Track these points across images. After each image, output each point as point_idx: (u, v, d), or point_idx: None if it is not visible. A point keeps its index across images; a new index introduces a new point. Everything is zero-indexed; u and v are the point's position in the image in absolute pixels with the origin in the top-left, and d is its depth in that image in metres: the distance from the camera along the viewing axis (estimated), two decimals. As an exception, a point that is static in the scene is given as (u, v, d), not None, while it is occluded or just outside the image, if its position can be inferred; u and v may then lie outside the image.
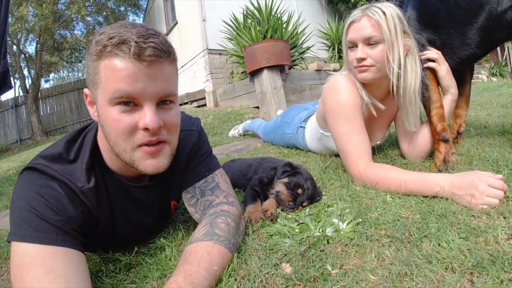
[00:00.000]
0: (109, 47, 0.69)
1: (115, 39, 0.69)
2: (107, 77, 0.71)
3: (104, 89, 0.72)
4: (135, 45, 0.68)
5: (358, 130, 1.38)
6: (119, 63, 0.69)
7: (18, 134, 11.83)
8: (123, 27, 0.71)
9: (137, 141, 0.74)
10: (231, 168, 1.57)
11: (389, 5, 1.33)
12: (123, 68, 0.69)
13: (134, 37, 0.69)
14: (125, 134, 0.73)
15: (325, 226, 0.97)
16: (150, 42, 0.70)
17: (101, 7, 12.38)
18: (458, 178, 1.03)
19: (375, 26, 1.30)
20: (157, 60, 0.71)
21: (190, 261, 0.74)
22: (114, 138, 0.75)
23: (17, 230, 0.70)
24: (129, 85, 0.70)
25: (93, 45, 0.72)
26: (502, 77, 11.97)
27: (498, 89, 5.70)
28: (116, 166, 0.87)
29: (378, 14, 1.30)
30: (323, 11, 11.26)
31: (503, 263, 0.67)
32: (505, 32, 1.27)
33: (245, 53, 4.66)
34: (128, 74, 0.69)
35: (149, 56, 0.69)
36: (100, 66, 0.71)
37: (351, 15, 1.39)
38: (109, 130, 0.75)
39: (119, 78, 0.69)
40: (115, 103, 0.72)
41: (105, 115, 0.73)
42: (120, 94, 0.70)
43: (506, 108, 3.06)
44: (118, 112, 0.72)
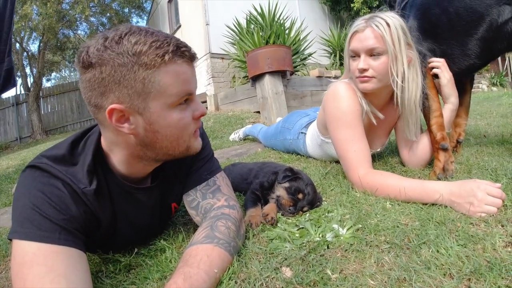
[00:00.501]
0: (167, 55, 0.73)
1: (170, 46, 0.73)
2: (170, 83, 0.75)
3: (164, 95, 0.75)
4: (187, 50, 0.77)
5: (359, 137, 1.39)
6: (180, 68, 0.76)
7: (18, 132, 11.84)
8: (151, 33, 0.74)
9: (194, 128, 0.86)
10: (231, 172, 1.58)
11: (393, 16, 1.33)
12: (184, 72, 0.77)
13: (179, 43, 0.76)
14: (187, 127, 0.83)
15: (325, 231, 0.97)
16: (188, 47, 0.79)
17: (105, 8, 12.48)
18: (457, 186, 1.04)
19: (379, 38, 1.31)
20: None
21: (189, 263, 0.75)
22: (175, 136, 0.82)
23: (19, 228, 0.70)
24: (191, 84, 0.80)
25: (132, 56, 0.71)
26: (502, 86, 12.02)
27: (498, 99, 5.73)
28: (130, 168, 0.88)
29: (382, 26, 1.30)
30: (325, 18, 11.35)
31: (501, 270, 0.68)
32: (505, 43, 1.29)
33: (248, 58, 4.69)
34: (188, 76, 0.78)
35: (194, 58, 0.81)
36: (158, 74, 0.73)
37: (354, 24, 1.39)
38: (169, 132, 0.80)
39: (183, 81, 0.77)
40: (177, 104, 0.78)
41: (166, 119, 0.78)
42: (186, 94, 0.79)
43: (505, 118, 3.07)
44: (179, 111, 0.80)
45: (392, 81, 1.35)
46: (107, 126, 0.79)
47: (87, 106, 0.79)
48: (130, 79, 0.72)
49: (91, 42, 0.73)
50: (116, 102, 0.74)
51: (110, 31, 0.74)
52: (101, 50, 0.71)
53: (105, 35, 0.73)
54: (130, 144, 0.82)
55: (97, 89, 0.73)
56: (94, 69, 0.72)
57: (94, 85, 0.73)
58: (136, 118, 0.76)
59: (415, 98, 1.38)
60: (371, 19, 1.34)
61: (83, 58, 0.72)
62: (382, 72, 1.34)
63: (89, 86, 0.74)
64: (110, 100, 0.74)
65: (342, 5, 10.98)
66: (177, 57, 0.75)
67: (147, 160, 0.87)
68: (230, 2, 8.24)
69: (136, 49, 0.71)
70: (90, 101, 0.76)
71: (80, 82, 0.77)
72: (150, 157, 0.86)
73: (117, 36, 0.72)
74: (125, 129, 0.77)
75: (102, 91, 0.73)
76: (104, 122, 0.78)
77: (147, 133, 0.79)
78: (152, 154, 0.85)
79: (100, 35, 0.74)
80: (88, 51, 0.72)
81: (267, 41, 5.67)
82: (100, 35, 0.74)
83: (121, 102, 0.74)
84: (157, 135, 0.80)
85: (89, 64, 0.72)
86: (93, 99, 0.75)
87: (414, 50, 1.37)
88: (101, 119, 0.79)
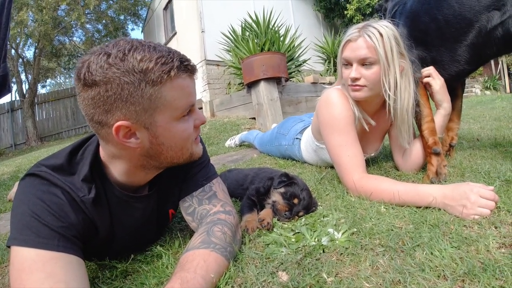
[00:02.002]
0: (172, 71, 0.74)
1: (174, 62, 0.75)
2: (175, 97, 0.78)
3: (170, 109, 0.78)
4: (188, 63, 0.79)
5: (352, 143, 1.40)
6: (184, 82, 0.79)
7: (13, 138, 11.75)
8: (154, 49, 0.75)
9: (195, 135, 0.90)
10: (228, 178, 1.58)
11: (387, 25, 1.33)
12: (188, 85, 0.80)
13: (181, 57, 0.78)
14: (190, 136, 0.87)
15: (320, 235, 0.98)
16: (191, 62, 0.81)
17: (101, 15, 12.52)
18: (450, 189, 1.05)
19: (371, 48, 1.31)
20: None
21: (186, 268, 0.75)
22: (179, 147, 0.85)
23: (18, 235, 0.70)
24: (193, 97, 0.83)
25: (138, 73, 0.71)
26: (495, 90, 12.18)
27: (492, 102, 5.81)
28: (129, 177, 0.89)
29: (375, 36, 1.30)
30: (319, 25, 11.49)
31: (494, 271, 0.69)
32: (495, 48, 1.31)
33: (243, 64, 4.72)
34: (191, 89, 0.82)
35: (195, 70, 0.84)
36: (164, 89, 0.75)
37: (348, 33, 1.39)
38: (175, 143, 0.84)
39: (187, 94, 0.80)
40: (182, 116, 0.82)
41: (171, 131, 0.81)
42: (189, 106, 0.82)
43: (498, 121, 3.12)
44: (183, 122, 0.83)
45: (384, 92, 1.37)
46: (110, 140, 0.79)
47: (88, 122, 0.78)
48: (137, 96, 0.72)
49: (91, 58, 0.71)
50: (123, 119, 0.74)
51: (110, 46, 0.73)
52: (105, 68, 0.70)
53: (106, 51, 0.71)
54: (134, 156, 0.83)
55: (101, 107, 0.73)
56: (99, 87, 0.71)
57: (98, 102, 0.72)
58: (142, 132, 0.78)
59: (407, 107, 1.39)
60: (364, 28, 1.34)
61: (85, 76, 0.70)
62: (374, 82, 1.36)
63: (93, 103, 0.73)
64: (116, 117, 0.74)
65: (335, 12, 11.13)
66: (182, 72, 0.77)
67: (149, 168, 0.89)
68: (226, 10, 8.32)
69: (142, 66, 0.71)
70: (92, 118, 0.75)
71: (81, 99, 0.74)
72: (153, 165, 0.88)
73: (121, 52, 0.71)
74: (131, 144, 0.78)
75: (107, 109, 0.73)
76: (107, 137, 0.78)
77: (152, 146, 0.81)
78: (156, 163, 0.87)
79: (100, 50, 0.72)
80: (90, 69, 0.70)
81: (262, 48, 5.71)
82: (100, 50, 0.72)
83: (127, 118, 0.74)
84: (162, 147, 0.82)
85: (93, 82, 0.70)
86: (96, 116, 0.74)
87: (406, 59, 1.38)
88: (103, 135, 0.79)
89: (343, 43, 1.40)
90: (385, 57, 1.31)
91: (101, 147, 0.86)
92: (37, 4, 10.18)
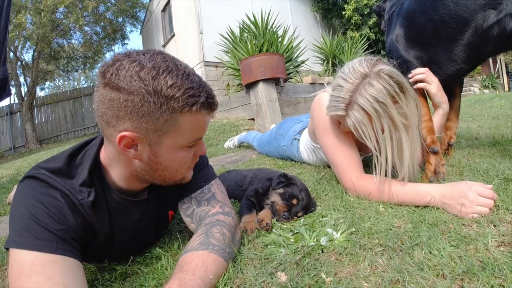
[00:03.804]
0: (195, 105, 0.76)
1: (201, 97, 0.77)
2: (188, 128, 0.79)
3: (179, 137, 0.80)
4: (213, 102, 0.81)
5: (346, 143, 1.40)
6: (202, 117, 0.81)
7: (12, 141, 11.73)
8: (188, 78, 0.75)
9: (192, 163, 0.93)
10: (226, 179, 1.59)
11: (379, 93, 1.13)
12: (204, 121, 0.82)
13: (208, 95, 0.79)
14: (187, 163, 0.89)
15: (319, 235, 0.98)
16: (215, 99, 0.83)
17: (99, 18, 12.52)
18: (448, 188, 1.05)
19: (353, 131, 1.23)
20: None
21: (185, 270, 0.75)
22: (175, 170, 0.88)
23: (17, 237, 0.70)
24: (204, 131, 0.86)
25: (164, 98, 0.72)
26: (494, 89, 12.20)
27: (490, 101, 5.82)
28: (126, 184, 0.90)
29: (361, 121, 1.17)
30: (317, 26, 11.50)
31: (494, 269, 0.69)
32: (491, 47, 1.31)
33: (241, 66, 4.72)
34: (205, 125, 0.84)
35: (216, 108, 0.85)
36: (181, 118, 0.77)
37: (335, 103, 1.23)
38: (172, 165, 0.86)
39: (200, 129, 0.83)
40: (187, 146, 0.84)
41: (172, 156, 0.83)
42: (197, 140, 0.86)
43: (497, 119, 3.12)
44: (186, 152, 0.85)
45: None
46: (112, 142, 0.79)
47: (97, 116, 0.79)
48: (154, 117, 0.73)
49: (123, 62, 0.72)
50: (131, 130, 0.74)
51: (147, 58, 0.73)
52: (134, 78, 0.70)
53: (141, 61, 0.72)
54: (131, 164, 0.84)
55: (116, 111, 0.73)
56: (120, 93, 0.71)
57: (114, 106, 0.73)
58: (144, 147, 0.79)
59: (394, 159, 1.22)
60: (351, 107, 1.19)
61: (111, 77, 0.71)
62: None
63: (109, 104, 0.73)
64: (125, 126, 0.74)
65: (333, 12, 11.16)
66: (204, 108, 0.79)
67: (143, 180, 0.90)
68: (224, 11, 8.33)
69: (169, 92, 0.72)
70: (102, 116, 0.76)
71: (98, 94, 0.75)
72: (147, 180, 0.90)
73: (155, 70, 0.71)
74: (130, 154, 0.79)
75: (120, 115, 0.73)
76: (110, 138, 0.79)
77: (150, 162, 0.83)
78: (149, 177, 0.88)
79: (135, 57, 0.73)
80: (119, 72, 0.71)
81: (260, 49, 5.72)
82: (135, 57, 0.73)
83: (136, 131, 0.75)
84: (159, 166, 0.84)
85: (116, 86, 0.71)
86: (107, 116, 0.75)
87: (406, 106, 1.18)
88: (107, 134, 0.79)
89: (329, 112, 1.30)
90: (375, 138, 1.18)
91: (104, 145, 0.87)
92: (35, 7, 10.18)
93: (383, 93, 1.13)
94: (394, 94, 1.14)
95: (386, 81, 1.14)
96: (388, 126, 1.16)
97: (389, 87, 1.14)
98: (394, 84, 1.15)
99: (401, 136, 1.18)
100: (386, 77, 1.15)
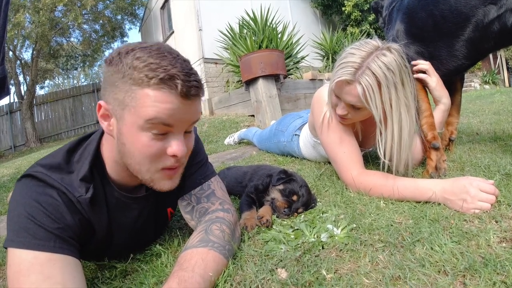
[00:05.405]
0: (154, 79, 0.71)
1: (161, 72, 0.71)
2: (147, 105, 0.72)
3: (137, 114, 0.73)
4: (182, 83, 0.72)
5: (346, 139, 1.40)
6: (164, 97, 0.72)
7: (12, 140, 11.75)
8: (162, 56, 0.73)
9: (163, 165, 0.79)
10: (226, 175, 1.58)
11: (390, 62, 1.17)
12: (167, 101, 0.72)
13: (180, 74, 0.72)
14: (152, 158, 0.77)
15: (320, 232, 0.97)
16: (193, 81, 0.75)
17: (98, 15, 12.47)
18: (449, 184, 1.05)
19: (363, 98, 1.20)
20: (197, 96, 0.77)
21: (184, 267, 0.75)
22: (138, 159, 0.78)
23: (15, 237, 0.70)
24: (169, 117, 0.74)
25: (128, 68, 0.72)
26: (495, 84, 12.17)
27: (491, 96, 5.80)
28: (119, 177, 0.88)
29: (371, 88, 1.16)
30: (317, 22, 11.45)
31: (496, 266, 0.69)
32: (492, 42, 1.30)
33: (241, 62, 4.70)
34: (171, 108, 0.73)
35: (192, 95, 0.75)
36: (139, 92, 0.72)
37: (342, 69, 1.22)
38: (133, 150, 0.77)
39: (160, 109, 0.72)
40: (148, 129, 0.74)
41: (133, 137, 0.76)
42: (158, 123, 0.73)
43: (498, 115, 3.11)
44: (149, 138, 0.75)
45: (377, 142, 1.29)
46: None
47: None
48: (118, 87, 0.74)
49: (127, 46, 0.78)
50: (105, 101, 0.78)
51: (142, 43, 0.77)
52: (119, 55, 0.75)
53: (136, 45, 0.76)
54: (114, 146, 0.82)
55: (103, 83, 0.80)
56: (107, 67, 0.77)
57: (103, 78, 0.80)
58: (114, 120, 0.78)
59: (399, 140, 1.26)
60: (361, 72, 1.18)
61: (110, 55, 0.78)
62: (362, 118, 1.36)
63: (102, 78, 0.81)
64: (105, 97, 0.79)
65: (333, 8, 11.09)
66: (165, 85, 0.72)
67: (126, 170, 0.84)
68: (223, 8, 8.29)
69: (134, 64, 0.72)
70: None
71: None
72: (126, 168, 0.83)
73: (131, 48, 0.74)
74: (104, 125, 0.80)
75: (104, 86, 0.79)
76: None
77: (118, 142, 0.79)
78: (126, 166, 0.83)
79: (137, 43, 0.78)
80: (114, 52, 0.77)
81: (260, 45, 5.69)
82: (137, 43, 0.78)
83: (108, 102, 0.78)
84: (124, 148, 0.78)
85: (108, 61, 0.77)
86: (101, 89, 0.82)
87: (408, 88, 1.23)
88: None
89: (336, 78, 1.24)
90: (382, 109, 1.20)
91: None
92: (34, 5, 10.14)
93: (394, 63, 1.18)
94: (402, 69, 1.20)
95: (396, 56, 1.19)
96: (395, 98, 1.20)
97: (399, 60, 1.19)
98: (401, 61, 1.20)
99: (402, 115, 1.23)
100: (396, 53, 1.20)
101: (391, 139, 1.24)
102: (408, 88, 1.22)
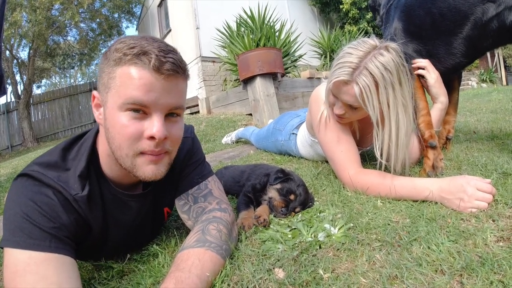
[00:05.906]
0: (129, 55, 0.72)
1: (136, 49, 0.72)
2: (123, 83, 0.73)
3: (117, 94, 0.74)
4: (156, 57, 0.72)
5: (344, 138, 1.40)
6: (137, 71, 0.72)
7: (9, 140, 11.71)
8: (144, 39, 0.75)
9: (141, 148, 0.77)
10: (224, 175, 1.58)
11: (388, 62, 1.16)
12: (141, 77, 0.72)
13: (155, 50, 0.72)
14: (130, 140, 0.75)
15: (317, 231, 0.97)
16: (169, 58, 0.74)
17: (95, 14, 12.39)
18: (446, 183, 1.05)
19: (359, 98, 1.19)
20: (174, 75, 0.75)
21: (181, 268, 0.74)
22: (118, 142, 0.76)
23: (10, 237, 0.70)
24: (144, 94, 0.72)
25: (112, 52, 0.74)
26: (492, 83, 12.21)
27: (488, 95, 5.81)
28: (113, 173, 0.87)
29: (368, 88, 1.16)
30: (315, 20, 11.43)
31: (493, 265, 0.69)
32: (491, 40, 1.30)
33: (238, 61, 4.69)
34: (145, 83, 0.72)
35: (167, 70, 0.73)
36: (117, 71, 0.73)
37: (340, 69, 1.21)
38: (114, 134, 0.76)
39: (135, 86, 0.72)
40: (126, 109, 0.74)
41: (113, 119, 0.75)
42: (133, 101, 0.73)
43: (495, 113, 3.11)
44: (127, 118, 0.74)
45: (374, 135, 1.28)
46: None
47: None
48: (104, 71, 0.77)
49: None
50: (98, 91, 0.81)
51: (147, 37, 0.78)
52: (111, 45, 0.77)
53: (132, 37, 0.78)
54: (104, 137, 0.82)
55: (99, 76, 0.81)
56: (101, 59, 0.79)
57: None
58: (102, 109, 0.79)
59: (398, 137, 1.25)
60: (359, 72, 1.17)
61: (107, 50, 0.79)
62: (360, 117, 1.35)
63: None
64: (98, 87, 0.81)
65: (331, 6, 11.08)
66: (138, 60, 0.72)
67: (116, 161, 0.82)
68: (220, 6, 8.25)
69: (116, 47, 0.74)
70: None
71: None
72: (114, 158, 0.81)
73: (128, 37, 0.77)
74: (96, 115, 0.82)
75: (98, 77, 0.81)
76: None
77: (105, 129, 0.79)
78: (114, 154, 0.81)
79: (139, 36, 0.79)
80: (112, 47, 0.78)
81: (257, 43, 5.69)
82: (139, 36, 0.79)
83: (99, 91, 0.80)
84: (108, 134, 0.78)
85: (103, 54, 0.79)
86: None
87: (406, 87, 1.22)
88: None
89: (334, 78, 1.23)
90: (379, 109, 1.19)
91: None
92: (30, 4, 10.07)
93: (391, 63, 1.17)
94: (400, 68, 1.19)
95: (394, 56, 1.18)
96: (392, 98, 1.19)
97: (397, 60, 1.18)
98: (399, 61, 1.19)
99: (399, 115, 1.21)
100: (394, 52, 1.19)
101: (388, 138, 1.24)
102: (405, 88, 1.22)
